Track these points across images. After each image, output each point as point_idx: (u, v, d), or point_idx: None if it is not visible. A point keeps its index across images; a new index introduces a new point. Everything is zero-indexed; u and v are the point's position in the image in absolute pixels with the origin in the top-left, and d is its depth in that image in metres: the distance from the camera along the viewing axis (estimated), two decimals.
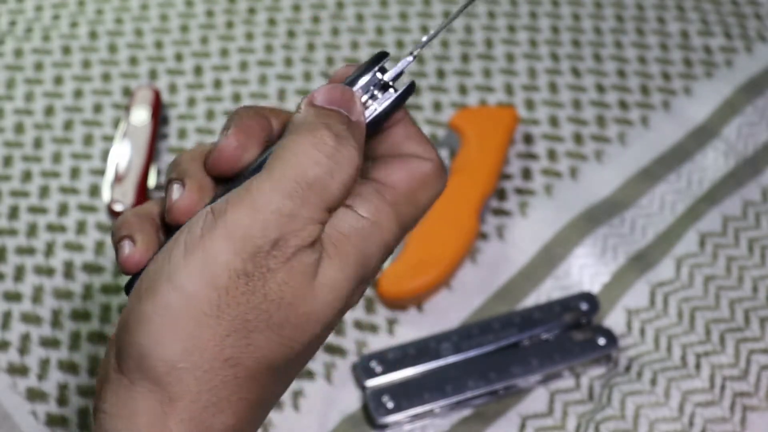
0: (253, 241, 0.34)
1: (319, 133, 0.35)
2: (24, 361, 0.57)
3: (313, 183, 0.35)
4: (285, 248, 0.34)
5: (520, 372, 0.55)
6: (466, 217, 0.61)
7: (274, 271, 0.34)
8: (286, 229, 0.34)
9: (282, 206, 0.34)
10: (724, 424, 0.54)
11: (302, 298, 0.35)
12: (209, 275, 0.34)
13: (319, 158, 0.35)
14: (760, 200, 0.64)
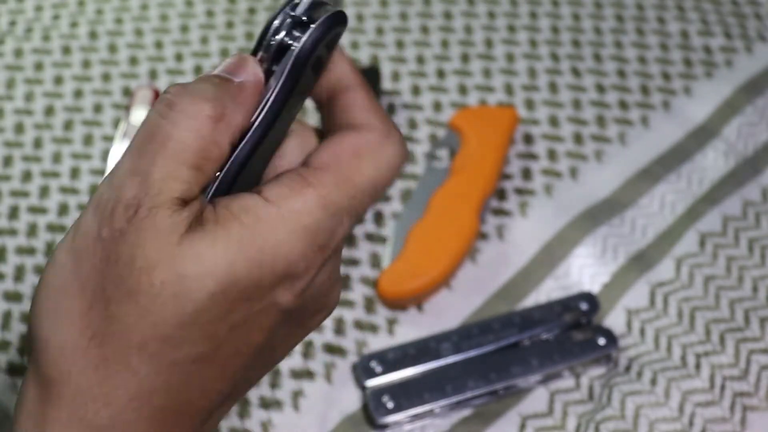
0: (104, 203, 0.33)
1: (167, 90, 0.34)
2: (24, 362, 0.57)
3: (157, 137, 0.33)
4: (138, 209, 0.32)
5: (520, 372, 0.55)
6: (466, 217, 0.61)
7: (126, 233, 0.32)
8: (137, 189, 0.32)
9: (130, 165, 0.33)
10: (724, 424, 0.54)
11: (155, 264, 0.32)
12: (72, 243, 0.33)
13: (159, 110, 0.34)
14: (760, 200, 0.64)
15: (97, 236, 0.32)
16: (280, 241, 0.33)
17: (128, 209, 0.32)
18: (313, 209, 0.34)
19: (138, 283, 0.32)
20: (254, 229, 0.33)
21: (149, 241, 0.32)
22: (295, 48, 0.35)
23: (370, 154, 0.36)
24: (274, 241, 0.33)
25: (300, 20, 0.35)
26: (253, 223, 0.33)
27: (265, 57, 0.36)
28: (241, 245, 0.33)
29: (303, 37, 0.35)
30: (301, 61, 0.35)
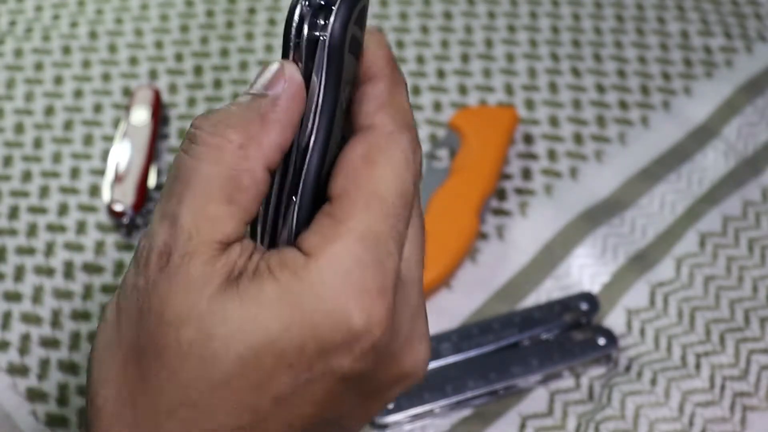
0: (139, 252, 0.31)
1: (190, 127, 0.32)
2: (24, 361, 0.57)
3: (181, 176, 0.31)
4: (169, 256, 0.30)
5: (520, 372, 0.55)
6: (466, 217, 0.61)
7: (157, 283, 0.30)
8: (167, 234, 0.30)
9: (160, 209, 0.31)
10: (724, 424, 0.54)
11: (184, 322, 0.29)
12: (116, 297, 0.31)
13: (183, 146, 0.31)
14: (760, 200, 0.64)
15: (134, 287, 0.31)
16: (322, 298, 0.29)
17: (161, 257, 0.30)
18: (351, 248, 0.30)
19: (166, 340, 0.29)
20: (291, 286, 0.29)
21: (179, 293, 0.29)
22: (325, 37, 0.32)
23: (382, 157, 0.32)
24: (314, 298, 0.29)
25: (319, 4, 0.32)
26: (289, 280, 0.30)
27: (297, 57, 0.32)
28: (277, 306, 0.29)
29: (329, 24, 0.31)
30: (336, 50, 0.32)
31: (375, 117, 0.33)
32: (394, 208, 0.31)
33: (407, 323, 0.32)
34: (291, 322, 0.29)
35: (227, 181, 0.30)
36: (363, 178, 0.31)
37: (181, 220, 0.30)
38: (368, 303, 0.30)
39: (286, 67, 0.32)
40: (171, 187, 0.31)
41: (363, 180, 0.31)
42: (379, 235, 0.30)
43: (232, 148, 0.30)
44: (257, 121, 0.31)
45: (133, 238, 0.62)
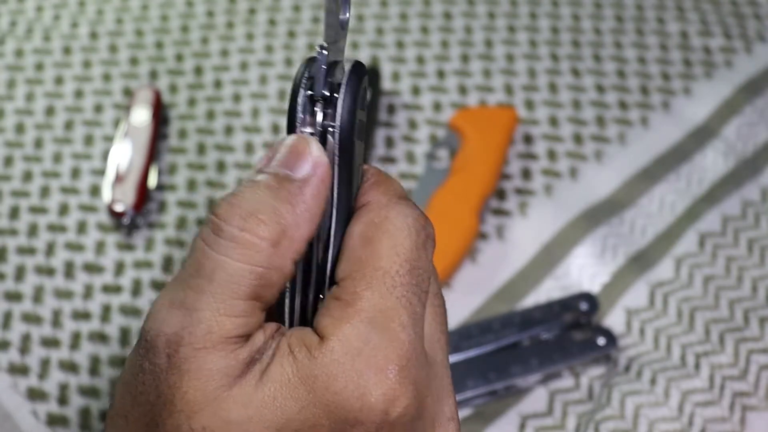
0: (146, 333, 0.30)
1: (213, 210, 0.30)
2: (24, 361, 0.57)
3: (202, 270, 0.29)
4: (179, 347, 0.29)
5: (519, 372, 0.55)
6: (466, 217, 0.61)
7: (167, 372, 0.29)
8: (179, 325, 0.29)
9: (173, 297, 0.30)
10: (723, 424, 0.54)
11: (198, 410, 0.29)
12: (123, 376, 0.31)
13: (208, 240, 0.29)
14: (759, 200, 0.64)
15: (140, 369, 0.30)
16: (334, 377, 0.29)
17: (169, 345, 0.29)
18: (360, 328, 0.29)
19: (177, 428, 0.29)
20: (306, 366, 0.29)
21: (192, 383, 0.29)
22: (335, 129, 0.31)
23: (379, 232, 0.31)
24: (327, 378, 0.29)
25: (322, 94, 0.32)
26: (304, 359, 0.29)
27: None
28: (294, 384, 0.29)
29: (337, 115, 0.31)
30: (347, 140, 0.31)
31: (368, 195, 0.32)
32: (399, 278, 0.31)
33: (434, 403, 0.32)
34: (307, 402, 0.29)
35: (256, 279, 0.29)
36: (363, 257, 0.31)
37: (200, 314, 0.29)
38: (383, 379, 0.29)
39: (312, 145, 0.31)
40: (190, 277, 0.29)
41: (363, 259, 0.31)
42: (387, 310, 0.30)
43: (264, 247, 0.29)
44: (289, 212, 0.30)
45: (133, 238, 0.62)
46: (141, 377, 0.30)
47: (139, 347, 0.30)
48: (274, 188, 0.30)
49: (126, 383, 0.31)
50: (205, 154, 0.67)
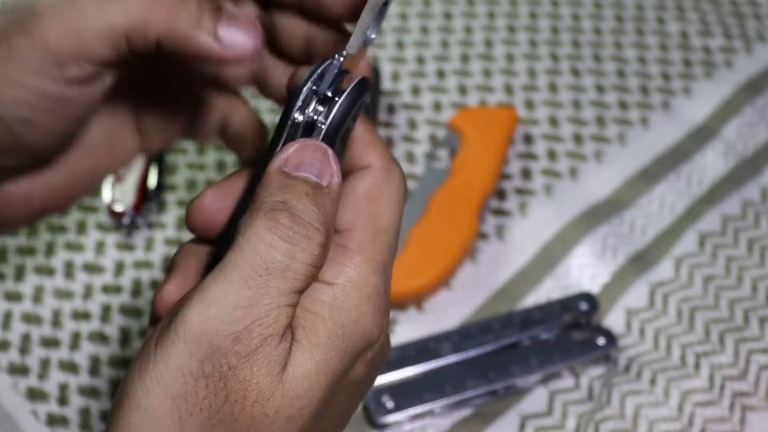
0: (208, 339, 0.31)
1: (275, 214, 0.32)
2: (24, 361, 0.57)
3: (272, 268, 0.32)
4: (248, 341, 0.31)
5: (519, 372, 0.55)
6: (466, 217, 0.61)
7: (236, 368, 0.31)
8: (246, 320, 0.31)
9: (238, 297, 0.31)
10: (723, 424, 0.54)
11: (269, 396, 0.31)
12: (165, 384, 0.31)
13: (274, 242, 0.32)
14: (759, 200, 0.64)
15: (199, 373, 0.31)
16: (353, 321, 0.33)
17: (236, 343, 0.31)
18: (368, 275, 0.34)
19: (252, 418, 0.31)
20: (332, 319, 0.33)
21: (262, 373, 0.31)
22: (323, 125, 0.34)
23: (382, 195, 0.36)
24: (349, 323, 0.33)
25: (324, 94, 0.34)
26: (327, 313, 0.33)
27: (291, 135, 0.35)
28: (330, 341, 0.33)
29: (331, 113, 0.34)
30: (330, 139, 0.34)
31: (370, 156, 0.36)
32: (392, 238, 0.36)
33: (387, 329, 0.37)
34: (342, 351, 0.33)
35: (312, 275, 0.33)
36: (368, 214, 0.35)
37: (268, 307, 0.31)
38: (381, 320, 0.34)
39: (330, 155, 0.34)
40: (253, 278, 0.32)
41: (368, 216, 0.35)
42: (385, 264, 0.35)
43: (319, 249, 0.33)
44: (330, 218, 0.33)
45: (133, 238, 0.62)
46: (196, 385, 0.31)
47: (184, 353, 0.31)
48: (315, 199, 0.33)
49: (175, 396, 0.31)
50: (205, 154, 0.67)
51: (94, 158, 0.40)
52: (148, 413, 0.31)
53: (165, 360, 0.31)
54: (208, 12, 0.34)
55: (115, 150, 0.41)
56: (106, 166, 0.41)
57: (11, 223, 0.40)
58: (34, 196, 0.39)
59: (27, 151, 0.36)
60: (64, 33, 0.32)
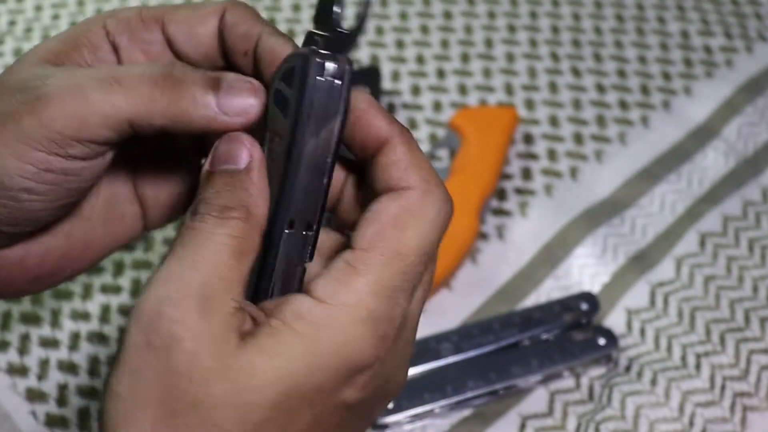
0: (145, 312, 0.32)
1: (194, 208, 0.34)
2: (24, 362, 0.57)
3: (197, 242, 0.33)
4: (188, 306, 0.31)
5: (520, 372, 0.55)
6: (466, 217, 0.61)
7: (179, 339, 0.31)
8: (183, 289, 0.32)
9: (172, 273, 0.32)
10: (724, 425, 0.54)
11: (215, 375, 0.31)
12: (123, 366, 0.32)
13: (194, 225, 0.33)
14: (760, 200, 0.64)
15: (147, 346, 0.31)
16: (338, 343, 0.32)
17: (176, 308, 0.31)
18: (367, 300, 0.33)
19: (197, 394, 0.31)
20: (311, 336, 0.32)
21: (204, 349, 0.31)
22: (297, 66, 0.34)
23: (413, 220, 0.34)
24: (331, 344, 0.32)
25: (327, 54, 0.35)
26: (308, 330, 0.32)
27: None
28: (300, 355, 0.32)
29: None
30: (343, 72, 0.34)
31: (409, 179, 0.35)
32: (412, 266, 0.34)
33: (401, 355, 0.36)
34: (316, 367, 0.32)
35: (238, 245, 0.33)
36: (390, 238, 0.34)
37: (197, 279, 0.32)
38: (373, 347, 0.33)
39: (243, 137, 0.35)
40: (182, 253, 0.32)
41: (390, 240, 0.34)
42: (393, 290, 0.33)
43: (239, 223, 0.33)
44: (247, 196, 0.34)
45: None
46: (146, 358, 0.31)
47: (139, 326, 0.31)
48: (231, 183, 0.34)
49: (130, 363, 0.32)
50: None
51: (92, 227, 0.41)
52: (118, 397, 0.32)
53: (123, 342, 0.32)
54: (209, 86, 0.35)
55: (114, 221, 0.42)
56: (103, 237, 0.42)
57: (7, 288, 0.41)
58: (29, 260, 0.40)
59: (28, 217, 0.37)
60: (70, 117, 0.34)
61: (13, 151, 0.34)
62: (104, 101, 0.34)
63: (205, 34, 0.38)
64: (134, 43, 0.38)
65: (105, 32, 0.38)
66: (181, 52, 0.38)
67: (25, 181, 0.35)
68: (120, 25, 0.38)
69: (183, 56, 0.38)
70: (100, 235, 0.42)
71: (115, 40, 0.38)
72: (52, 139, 0.34)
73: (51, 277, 0.41)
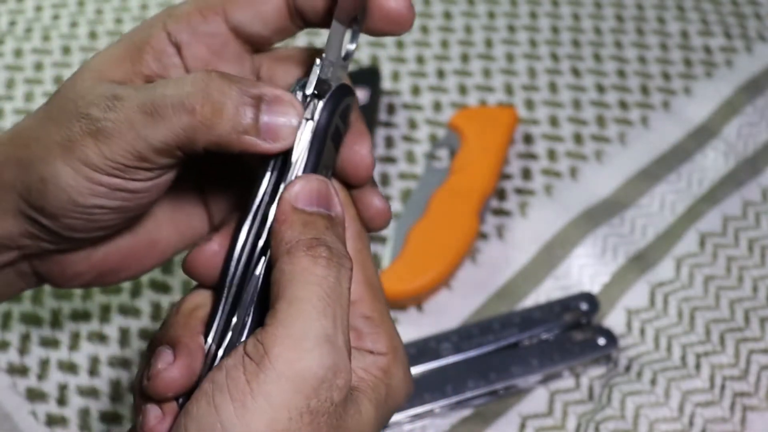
0: (312, 373, 0.32)
1: (315, 250, 0.34)
2: (24, 361, 0.57)
3: (333, 296, 0.33)
4: (345, 374, 0.33)
5: (520, 372, 0.55)
6: (466, 217, 0.61)
7: (340, 404, 0.33)
8: (337, 353, 0.33)
9: (321, 328, 0.33)
10: (724, 424, 0.54)
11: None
12: (268, 420, 0.32)
13: (324, 273, 0.34)
14: (760, 200, 0.64)
15: (305, 408, 0.32)
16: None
17: (336, 376, 0.32)
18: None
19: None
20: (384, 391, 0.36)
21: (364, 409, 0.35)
22: (313, 121, 0.36)
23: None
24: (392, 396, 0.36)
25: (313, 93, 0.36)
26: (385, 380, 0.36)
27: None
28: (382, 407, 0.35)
29: (317, 110, 0.36)
30: (321, 132, 0.36)
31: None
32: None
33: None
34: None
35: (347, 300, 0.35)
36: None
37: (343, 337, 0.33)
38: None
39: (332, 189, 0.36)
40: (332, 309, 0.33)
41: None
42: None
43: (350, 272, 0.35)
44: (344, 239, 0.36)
45: None
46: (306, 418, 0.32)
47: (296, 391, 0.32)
48: (335, 232, 0.35)
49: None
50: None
51: (157, 226, 0.42)
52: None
53: (266, 397, 0.32)
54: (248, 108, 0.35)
55: (180, 221, 0.43)
56: (168, 237, 0.43)
57: (72, 281, 0.42)
58: (95, 256, 0.41)
59: (100, 227, 0.38)
60: (127, 150, 0.35)
61: (84, 175, 0.36)
62: (150, 135, 0.35)
63: (272, 9, 0.38)
64: (196, 39, 0.38)
65: (166, 34, 0.38)
66: (251, 35, 0.38)
67: (98, 199, 0.36)
68: (180, 23, 0.38)
69: (254, 37, 0.38)
70: (165, 235, 0.43)
71: (177, 39, 0.38)
72: (116, 168, 0.36)
73: (115, 273, 0.42)
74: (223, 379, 0.32)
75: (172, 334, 0.36)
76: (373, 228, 0.40)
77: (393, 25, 0.37)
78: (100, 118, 0.36)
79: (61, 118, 0.37)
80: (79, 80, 0.38)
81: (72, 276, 0.42)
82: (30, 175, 0.37)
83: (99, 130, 0.35)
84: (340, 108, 0.36)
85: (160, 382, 0.35)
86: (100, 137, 0.35)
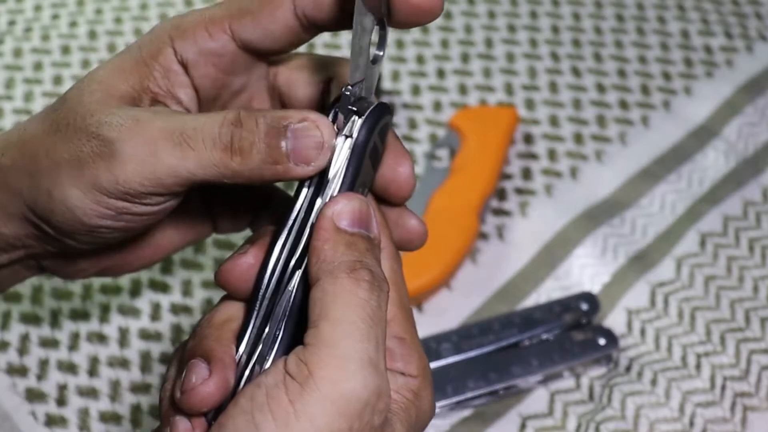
0: (356, 396, 0.32)
1: (358, 273, 0.34)
2: (23, 362, 0.57)
3: (374, 319, 0.33)
4: (386, 398, 0.33)
5: (520, 372, 0.55)
6: (466, 217, 0.61)
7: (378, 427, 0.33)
8: (378, 377, 0.32)
9: (364, 351, 0.32)
10: (724, 425, 0.54)
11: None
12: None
13: (366, 296, 0.33)
14: (760, 200, 0.64)
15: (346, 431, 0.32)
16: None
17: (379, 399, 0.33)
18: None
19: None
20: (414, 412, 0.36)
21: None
22: (353, 137, 0.35)
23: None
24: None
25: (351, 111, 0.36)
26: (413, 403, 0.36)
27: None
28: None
29: (356, 127, 0.35)
30: (360, 149, 0.35)
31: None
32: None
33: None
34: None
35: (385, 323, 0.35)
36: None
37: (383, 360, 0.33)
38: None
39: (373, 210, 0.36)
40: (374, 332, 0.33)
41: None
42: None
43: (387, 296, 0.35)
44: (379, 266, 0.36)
45: None
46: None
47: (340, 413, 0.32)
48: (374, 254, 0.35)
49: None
50: None
51: (162, 230, 0.43)
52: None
53: (310, 418, 0.31)
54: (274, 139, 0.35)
55: (184, 227, 0.44)
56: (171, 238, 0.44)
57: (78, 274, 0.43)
58: (100, 253, 0.42)
59: (106, 243, 0.39)
60: (145, 177, 0.35)
61: (92, 198, 0.35)
62: (177, 165, 0.35)
63: (281, 27, 0.37)
64: (204, 58, 0.38)
65: (173, 52, 0.38)
66: (260, 50, 0.38)
67: (103, 220, 0.36)
68: (186, 41, 0.38)
69: (264, 52, 0.38)
70: (167, 235, 0.43)
71: (183, 58, 0.38)
72: (127, 193, 0.35)
73: (118, 268, 0.43)
74: (263, 397, 0.32)
75: (205, 347, 0.35)
76: (409, 248, 0.40)
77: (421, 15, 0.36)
78: (114, 139, 0.35)
79: (69, 133, 0.36)
80: (86, 92, 0.37)
81: (76, 271, 0.42)
82: (37, 187, 0.36)
83: (113, 154, 0.35)
84: (379, 126, 0.36)
85: (195, 396, 0.34)
86: (115, 162, 0.35)
